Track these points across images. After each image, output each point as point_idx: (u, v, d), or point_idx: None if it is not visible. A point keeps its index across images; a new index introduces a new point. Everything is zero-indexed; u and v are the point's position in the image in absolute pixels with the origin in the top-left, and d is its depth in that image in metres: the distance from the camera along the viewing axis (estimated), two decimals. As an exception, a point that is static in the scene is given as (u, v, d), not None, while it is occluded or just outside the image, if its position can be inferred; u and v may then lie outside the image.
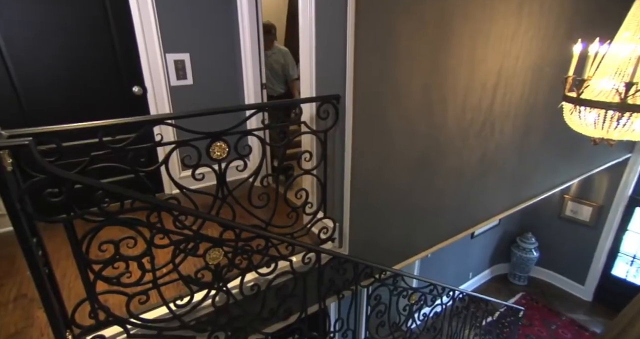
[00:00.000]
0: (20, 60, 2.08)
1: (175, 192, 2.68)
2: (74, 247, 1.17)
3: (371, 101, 1.67)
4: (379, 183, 1.90)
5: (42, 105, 2.19)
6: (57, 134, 1.17)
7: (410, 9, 1.61)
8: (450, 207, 2.39)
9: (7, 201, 1.02)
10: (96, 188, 1.10)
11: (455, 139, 2.15)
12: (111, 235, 1.19)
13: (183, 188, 1.37)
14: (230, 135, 1.41)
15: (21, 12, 2.01)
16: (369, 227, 1.97)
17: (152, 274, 1.32)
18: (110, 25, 2.27)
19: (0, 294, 1.62)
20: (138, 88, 2.45)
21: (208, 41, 2.58)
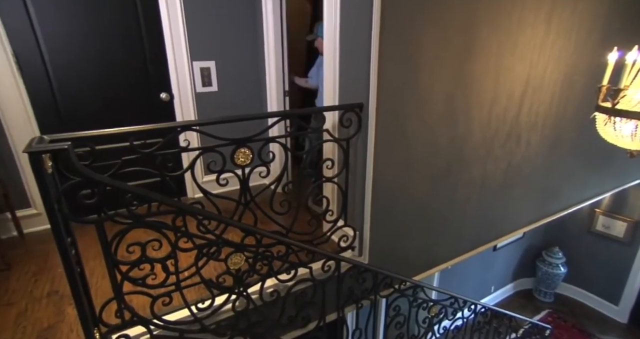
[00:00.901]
0: (60, 69, 2.20)
1: (197, 196, 2.76)
2: (105, 248, 1.21)
3: (394, 109, 1.67)
4: (401, 192, 1.88)
5: (77, 110, 2.31)
6: (92, 138, 1.23)
7: (435, 18, 1.61)
8: (473, 219, 2.33)
9: (46, 202, 1.07)
10: (126, 191, 1.15)
11: (479, 149, 2.11)
12: (136, 237, 1.23)
13: (208, 193, 1.40)
14: (254, 142, 1.44)
15: (64, 25, 2.14)
16: (389, 237, 1.95)
17: (176, 276, 1.35)
18: (142, 35, 2.37)
19: (35, 289, 1.70)
20: (165, 94, 2.54)
21: (233, 49, 2.65)
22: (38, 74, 2.15)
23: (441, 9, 1.61)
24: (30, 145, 1.06)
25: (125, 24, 2.31)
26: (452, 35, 1.69)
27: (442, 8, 1.61)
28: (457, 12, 1.67)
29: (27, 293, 1.67)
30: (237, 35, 2.64)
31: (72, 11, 2.14)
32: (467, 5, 1.69)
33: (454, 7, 1.65)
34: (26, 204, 2.25)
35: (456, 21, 1.68)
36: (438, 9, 1.60)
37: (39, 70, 2.14)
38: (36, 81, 2.15)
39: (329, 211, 1.77)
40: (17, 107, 2.09)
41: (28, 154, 1.03)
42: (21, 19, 2.02)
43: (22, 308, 1.57)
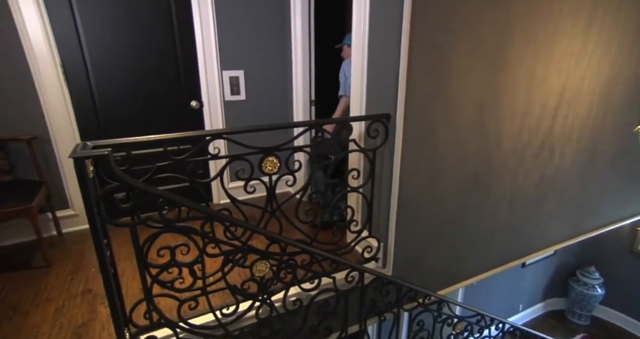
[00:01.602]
0: (101, 79, 2.33)
1: (223, 202, 2.82)
2: (137, 251, 1.26)
3: (421, 120, 1.65)
4: (427, 204, 1.84)
5: (114, 117, 2.43)
6: (130, 145, 1.29)
7: (466, 28, 1.59)
8: (502, 233, 2.25)
9: (87, 205, 1.13)
10: (158, 196, 1.19)
11: (509, 160, 2.04)
12: (164, 241, 1.26)
13: (236, 201, 1.43)
14: (281, 151, 1.46)
15: (106, 36, 2.27)
16: (414, 249, 1.91)
17: (202, 281, 1.38)
18: (176, 47, 2.49)
19: (71, 286, 1.79)
20: (196, 102, 2.64)
21: (262, 59, 2.72)
22: (81, 83, 2.29)
23: (472, 19, 1.59)
24: (75, 151, 1.13)
25: (161, 36, 2.43)
26: (483, 45, 1.67)
27: (473, 18, 1.59)
28: (489, 22, 1.64)
29: (64, 290, 1.76)
30: (266, 46, 2.71)
31: (114, 24, 2.27)
32: (499, 16, 1.66)
33: (486, 18, 1.63)
34: (65, 206, 2.38)
35: (487, 32, 1.66)
36: (469, 19, 1.58)
37: (83, 79, 2.28)
38: (79, 90, 2.29)
39: (353, 221, 1.76)
40: (62, 114, 2.23)
41: (73, 160, 1.09)
42: (69, 31, 2.17)
43: (59, 305, 1.65)
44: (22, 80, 2.08)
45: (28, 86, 2.10)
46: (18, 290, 1.77)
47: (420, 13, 1.45)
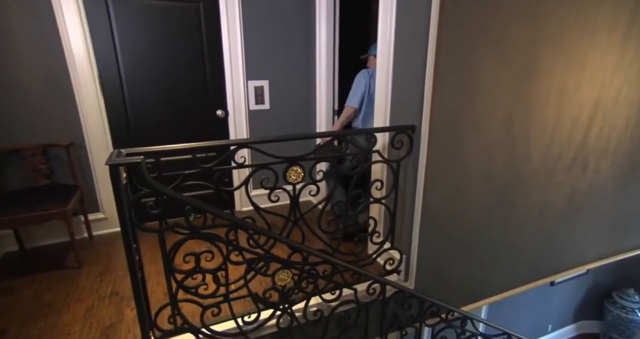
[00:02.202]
0: (133, 89, 2.45)
1: (245, 209, 2.86)
2: (165, 257, 1.30)
3: (447, 131, 1.63)
4: (451, 217, 1.80)
5: (143, 124, 2.53)
6: (161, 153, 1.33)
7: (494, 38, 1.57)
8: (530, 249, 2.16)
9: (120, 210, 1.17)
10: (185, 203, 1.23)
11: (538, 174, 1.97)
12: (188, 247, 1.29)
13: (259, 209, 1.45)
14: (305, 160, 1.47)
15: (139, 49, 2.39)
16: (437, 263, 1.87)
17: (226, 288, 1.40)
18: (204, 58, 2.58)
19: (100, 288, 1.86)
20: (221, 111, 2.71)
21: (286, 69, 2.78)
22: (115, 93, 2.40)
23: (501, 30, 1.57)
24: (111, 158, 1.18)
25: (191, 49, 2.53)
26: (511, 56, 1.63)
27: (502, 29, 1.57)
28: (518, 33, 1.61)
29: (93, 291, 1.83)
30: (291, 56, 2.77)
31: (147, 38, 2.39)
32: (528, 27, 1.63)
33: (515, 29, 1.60)
34: (96, 209, 2.48)
35: (516, 42, 1.62)
36: (498, 30, 1.56)
37: (117, 89, 2.40)
38: (113, 99, 2.41)
39: (375, 232, 1.74)
40: (97, 122, 2.35)
41: (109, 166, 1.14)
42: (107, 45, 2.30)
43: (89, 305, 1.72)
44: (64, 91, 2.21)
45: (68, 96, 2.23)
46: (52, 288, 1.85)
47: (448, 24, 1.45)
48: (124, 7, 2.28)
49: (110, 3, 2.25)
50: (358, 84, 2.32)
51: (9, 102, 2.09)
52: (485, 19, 1.52)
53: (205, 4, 2.46)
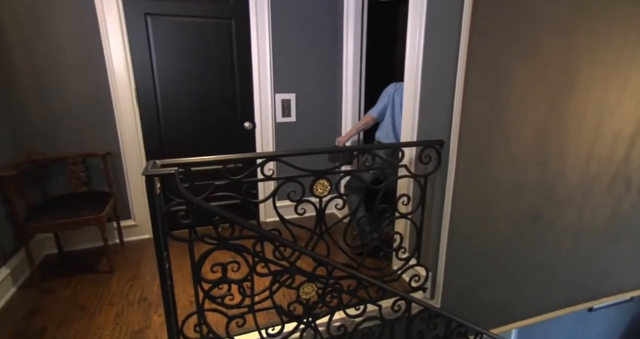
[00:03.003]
0: (166, 101, 2.56)
1: (269, 220, 2.89)
2: (193, 266, 1.33)
3: (477, 146, 1.59)
4: (480, 234, 1.75)
5: (175, 135, 2.64)
6: (194, 164, 1.38)
7: (528, 52, 1.54)
8: (565, 271, 2.05)
9: (153, 219, 1.22)
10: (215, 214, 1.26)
11: (574, 192, 1.88)
12: (214, 257, 1.31)
13: (286, 222, 1.46)
14: (332, 174, 1.48)
15: (173, 63, 2.51)
16: (465, 281, 1.80)
17: (251, 299, 1.41)
18: (234, 72, 2.67)
19: (129, 293, 1.92)
20: (249, 123, 2.78)
21: (313, 83, 2.82)
22: (150, 106, 2.52)
23: (535, 43, 1.54)
24: (147, 169, 1.23)
25: (221, 63, 2.62)
26: (546, 69, 1.59)
27: (535, 43, 1.54)
28: (553, 47, 1.57)
29: (123, 296, 1.89)
30: (318, 70, 2.81)
31: (181, 53, 2.50)
32: (565, 40, 1.58)
33: (550, 42, 1.56)
34: (127, 216, 2.58)
35: (551, 56, 1.58)
36: (531, 43, 1.53)
37: (151, 102, 2.52)
38: (148, 111, 2.52)
39: (401, 248, 1.71)
40: (132, 133, 2.47)
41: (145, 177, 1.19)
42: (145, 61, 2.43)
43: (119, 310, 1.78)
44: (104, 103, 2.34)
45: (108, 108, 2.36)
46: (86, 291, 1.93)
47: (479, 37, 1.43)
48: (160, 24, 2.41)
49: (149, 19, 2.38)
50: (382, 96, 2.34)
51: (55, 113, 2.24)
52: (518, 33, 1.50)
53: (237, 20, 2.56)
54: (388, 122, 2.30)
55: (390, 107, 2.29)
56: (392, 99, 2.29)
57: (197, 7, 2.46)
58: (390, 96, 2.29)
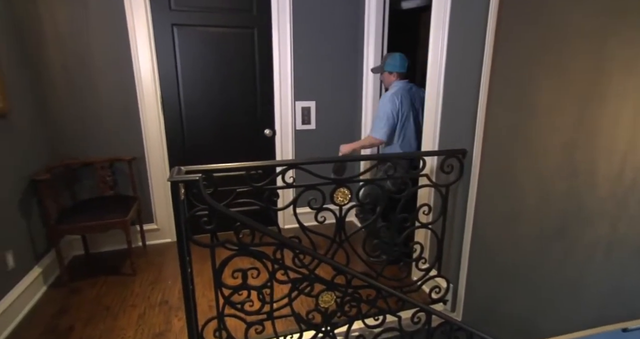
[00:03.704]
0: (189, 109, 2.63)
1: (288, 226, 2.91)
2: (215, 271, 1.35)
3: (501, 157, 1.56)
4: (504, 246, 1.70)
5: (197, 142, 2.70)
6: (217, 171, 1.41)
7: (556, 63, 1.50)
8: (596, 288, 1.96)
9: (177, 224, 1.25)
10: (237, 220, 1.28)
11: (606, 205, 1.81)
12: (234, 263, 1.33)
13: (306, 229, 1.47)
14: (352, 182, 1.48)
15: (197, 71, 2.58)
16: (488, 295, 1.75)
17: (270, 306, 1.42)
18: (256, 80, 2.72)
19: (151, 296, 1.97)
20: (269, 131, 2.82)
21: (333, 91, 2.84)
22: (174, 112, 2.60)
23: (563, 52, 1.50)
24: (172, 175, 1.27)
25: (243, 71, 2.68)
26: (574, 80, 1.55)
27: (564, 51, 1.50)
28: (583, 56, 1.53)
29: (145, 299, 1.94)
30: (338, 78, 2.83)
31: (204, 62, 2.57)
32: (595, 49, 1.54)
33: (579, 51, 1.52)
34: (150, 220, 2.65)
35: (580, 66, 1.54)
36: (559, 51, 1.50)
37: (175, 109, 2.60)
38: (172, 118, 2.60)
39: (421, 258, 1.68)
40: (156, 139, 2.55)
41: (170, 183, 1.22)
42: (171, 69, 2.51)
43: (141, 311, 1.82)
44: (131, 110, 2.43)
45: (134, 115, 2.45)
46: (110, 293, 1.99)
47: (504, 45, 1.41)
48: (186, 33, 2.49)
49: (175, 30, 2.47)
50: (385, 113, 2.12)
51: (87, 120, 2.35)
52: (546, 43, 1.47)
53: (259, 29, 2.62)
54: (402, 133, 2.14)
55: (401, 119, 2.13)
56: (399, 114, 2.12)
57: (221, 17, 2.53)
58: (397, 112, 2.11)
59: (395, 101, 2.12)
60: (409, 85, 2.22)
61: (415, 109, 2.20)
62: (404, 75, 2.23)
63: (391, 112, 2.11)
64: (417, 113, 2.20)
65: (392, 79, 2.23)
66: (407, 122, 2.15)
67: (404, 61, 2.21)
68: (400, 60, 2.20)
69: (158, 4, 2.37)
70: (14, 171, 1.86)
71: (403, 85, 2.18)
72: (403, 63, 2.21)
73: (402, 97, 2.13)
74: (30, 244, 1.96)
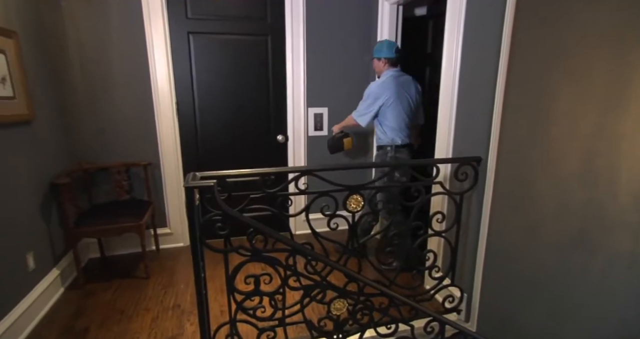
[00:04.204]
0: (203, 114, 2.68)
1: (299, 232, 2.91)
2: (228, 277, 1.36)
3: (517, 165, 1.53)
4: (521, 256, 1.66)
5: (210, 146, 2.74)
6: (231, 177, 1.42)
7: (576, 68, 1.47)
8: (620, 303, 1.88)
9: (192, 229, 1.27)
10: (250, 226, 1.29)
11: (629, 215, 1.74)
12: (246, 269, 1.33)
13: (318, 236, 1.47)
14: (366, 189, 1.48)
15: (210, 77, 2.63)
16: (503, 305, 1.71)
17: (282, 312, 1.41)
18: (269, 87, 2.75)
19: (164, 299, 1.99)
20: (282, 137, 2.84)
21: (345, 97, 2.85)
22: (188, 118, 2.65)
23: (583, 57, 1.47)
24: (187, 181, 1.29)
25: (257, 78, 2.72)
26: (596, 86, 1.51)
27: (584, 56, 1.47)
28: (605, 61, 1.49)
29: (158, 302, 1.96)
30: (350, 85, 2.84)
31: (219, 66, 2.62)
32: (619, 54, 1.50)
33: (600, 55, 1.49)
34: (164, 224, 2.69)
35: (603, 71, 1.50)
36: (579, 57, 1.47)
37: (190, 115, 2.65)
38: (186, 124, 2.65)
39: (435, 266, 1.66)
40: (171, 144, 2.59)
41: (185, 188, 1.24)
42: (186, 76, 2.57)
43: (154, 315, 1.84)
44: (147, 117, 2.49)
45: (151, 121, 2.50)
46: (125, 295, 2.02)
47: (520, 51, 1.40)
48: (201, 41, 2.55)
49: (191, 37, 2.53)
50: (369, 99, 2.18)
51: (104, 126, 2.41)
52: (564, 48, 1.45)
53: (273, 36, 2.66)
54: (402, 123, 2.17)
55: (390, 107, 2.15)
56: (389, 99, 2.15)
57: (235, 25, 2.58)
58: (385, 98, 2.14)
59: (381, 91, 2.16)
60: (400, 73, 2.22)
61: (407, 96, 2.21)
62: (394, 61, 2.23)
63: (375, 100, 2.16)
64: (408, 101, 2.20)
65: (382, 66, 2.25)
66: (391, 108, 2.16)
67: (392, 45, 2.21)
68: (387, 45, 2.21)
69: (175, 12, 2.44)
70: (36, 175, 1.92)
71: (393, 73, 2.20)
72: (390, 48, 2.21)
73: (389, 86, 2.15)
74: (49, 247, 2.01)
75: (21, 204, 1.77)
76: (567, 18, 1.42)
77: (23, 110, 1.80)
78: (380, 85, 2.18)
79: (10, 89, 1.71)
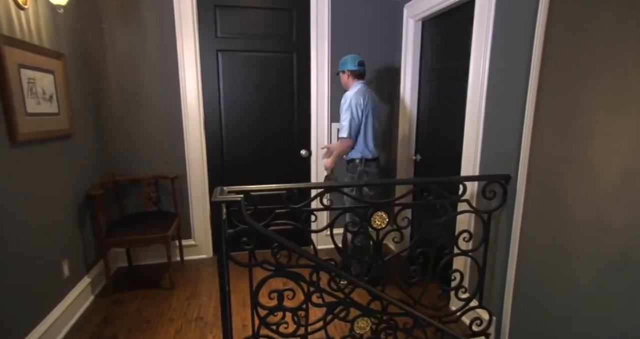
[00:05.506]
0: (229, 130, 2.75)
1: (320, 247, 2.88)
2: (252, 292, 1.37)
3: (549, 184, 1.48)
4: (555, 279, 1.58)
5: (235, 160, 2.80)
6: (257, 191, 1.45)
7: (613, 82, 1.42)
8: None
9: (217, 243, 1.29)
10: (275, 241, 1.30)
11: (671, 237, 1.64)
12: (269, 284, 1.33)
13: (342, 251, 1.46)
14: (390, 206, 1.47)
15: (236, 94, 2.71)
16: (535, 330, 1.62)
17: (305, 329, 1.40)
18: (293, 101, 2.81)
19: (188, 311, 2.02)
20: (305, 151, 2.87)
21: (367, 112, 2.86)
22: (215, 133, 2.73)
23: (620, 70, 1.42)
24: (215, 195, 1.32)
25: (282, 93, 2.79)
26: (635, 101, 1.46)
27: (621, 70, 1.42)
28: None
29: (182, 313, 1.99)
30: (374, 99, 2.85)
31: (246, 83, 2.71)
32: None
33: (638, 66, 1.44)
34: (189, 236, 2.75)
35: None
36: (615, 70, 1.42)
37: (216, 130, 2.73)
38: (213, 138, 2.73)
39: (461, 287, 1.61)
40: (198, 158, 2.67)
41: (213, 203, 1.27)
42: (214, 90, 2.66)
43: (179, 327, 1.87)
44: (177, 132, 2.59)
45: (179, 136, 2.60)
46: (150, 305, 2.07)
47: (552, 68, 1.37)
48: (229, 58, 2.65)
49: (220, 55, 2.63)
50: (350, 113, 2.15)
51: (136, 140, 2.53)
52: (600, 61, 1.40)
53: (298, 53, 2.73)
54: (374, 136, 2.22)
55: (367, 118, 2.18)
56: (366, 108, 2.17)
57: (262, 42, 2.67)
58: (361, 112, 2.15)
59: (359, 99, 2.16)
60: (366, 85, 2.26)
61: (377, 108, 2.28)
62: (359, 74, 2.26)
63: (355, 112, 2.16)
64: (374, 114, 2.25)
65: (347, 80, 2.29)
66: (366, 122, 2.19)
67: (355, 59, 2.25)
68: (351, 59, 2.26)
69: (206, 32, 2.56)
70: (74, 186, 2.02)
71: (361, 85, 2.23)
72: (354, 61, 2.25)
73: (363, 96, 2.18)
74: (82, 255, 2.10)
75: (60, 214, 1.87)
76: (601, 31, 1.38)
77: (65, 125, 1.92)
78: (356, 93, 2.19)
79: (56, 105, 1.83)
